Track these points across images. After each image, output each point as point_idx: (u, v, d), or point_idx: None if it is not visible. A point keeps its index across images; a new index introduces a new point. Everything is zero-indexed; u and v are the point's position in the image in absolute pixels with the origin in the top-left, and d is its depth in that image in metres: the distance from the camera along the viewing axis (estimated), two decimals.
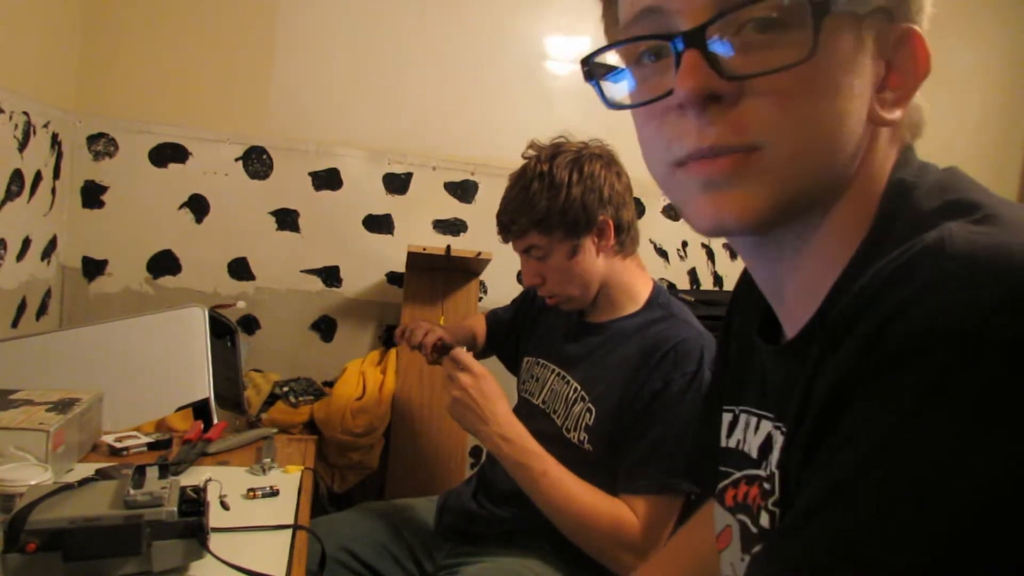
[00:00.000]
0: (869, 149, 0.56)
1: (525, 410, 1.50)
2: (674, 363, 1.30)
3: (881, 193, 0.56)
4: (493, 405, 1.33)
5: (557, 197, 1.36)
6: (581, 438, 1.35)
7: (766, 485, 0.63)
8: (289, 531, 1.16)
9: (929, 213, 0.51)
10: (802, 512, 0.46)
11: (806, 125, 0.51)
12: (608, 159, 1.44)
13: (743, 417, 0.72)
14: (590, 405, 1.36)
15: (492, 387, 1.35)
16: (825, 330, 0.51)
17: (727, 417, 0.75)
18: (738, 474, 0.71)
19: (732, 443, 0.73)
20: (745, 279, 0.79)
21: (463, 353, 1.39)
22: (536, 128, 1.46)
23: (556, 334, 1.55)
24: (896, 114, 0.55)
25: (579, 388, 1.39)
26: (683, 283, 3.05)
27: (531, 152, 1.45)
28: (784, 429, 0.60)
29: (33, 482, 1.04)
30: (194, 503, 0.99)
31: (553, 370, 1.48)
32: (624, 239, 1.44)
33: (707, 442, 0.79)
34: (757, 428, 0.68)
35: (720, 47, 0.51)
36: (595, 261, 1.41)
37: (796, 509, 0.47)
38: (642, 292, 1.45)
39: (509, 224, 1.42)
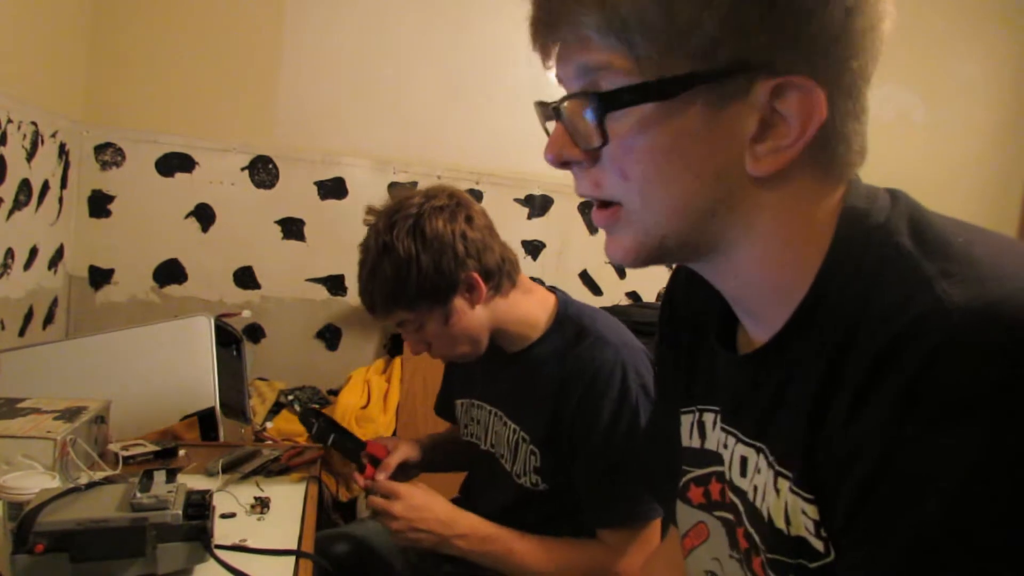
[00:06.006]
0: (777, 186, 0.56)
1: (475, 455, 1.48)
2: (600, 392, 1.24)
3: (834, 216, 0.58)
4: (434, 514, 1.29)
5: (409, 273, 1.25)
6: (534, 480, 1.33)
7: (733, 493, 0.64)
8: (296, 532, 1.18)
9: (908, 253, 0.53)
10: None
11: (644, 188, 0.57)
12: (452, 209, 1.31)
13: (698, 416, 0.74)
14: (533, 447, 1.32)
15: (422, 499, 1.30)
16: (813, 348, 0.55)
17: (687, 419, 0.76)
18: (700, 471, 0.72)
19: (693, 443, 0.75)
20: (687, 286, 0.79)
21: (382, 482, 1.33)
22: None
23: (480, 369, 1.47)
24: (767, 168, 0.55)
25: (518, 429, 1.36)
26: None
27: (370, 219, 1.33)
28: (764, 447, 0.61)
29: (40, 490, 1.04)
30: (199, 507, 0.99)
31: (489, 410, 1.44)
32: (498, 281, 1.33)
33: (665, 456, 0.80)
34: (715, 425, 0.70)
35: (588, 118, 0.57)
36: (474, 316, 1.32)
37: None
38: (541, 316, 1.37)
39: (372, 306, 1.33)
